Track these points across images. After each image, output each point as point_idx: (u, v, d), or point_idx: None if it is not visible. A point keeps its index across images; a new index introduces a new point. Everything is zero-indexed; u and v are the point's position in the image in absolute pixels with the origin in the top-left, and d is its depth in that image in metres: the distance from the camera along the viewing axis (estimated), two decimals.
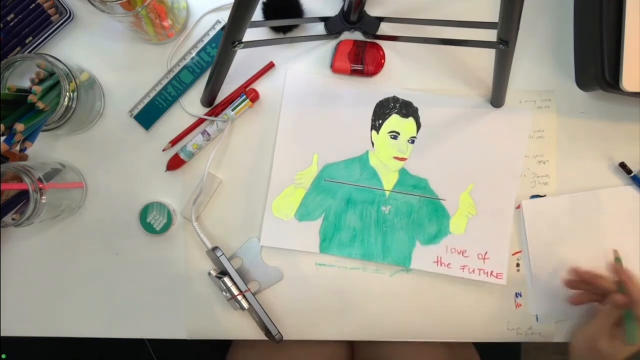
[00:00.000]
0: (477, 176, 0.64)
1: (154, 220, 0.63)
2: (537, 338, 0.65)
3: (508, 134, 0.65)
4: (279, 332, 0.61)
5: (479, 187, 0.64)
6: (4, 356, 0.76)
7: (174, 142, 0.64)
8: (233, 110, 0.62)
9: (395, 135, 0.64)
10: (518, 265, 0.65)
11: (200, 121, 0.64)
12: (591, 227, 0.65)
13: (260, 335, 0.64)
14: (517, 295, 0.65)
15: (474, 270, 0.64)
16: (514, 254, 0.65)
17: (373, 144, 0.64)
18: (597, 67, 0.59)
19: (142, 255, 0.64)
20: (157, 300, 0.60)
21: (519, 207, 0.65)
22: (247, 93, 0.62)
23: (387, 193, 0.64)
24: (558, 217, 0.65)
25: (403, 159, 0.64)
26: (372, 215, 0.64)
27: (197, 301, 0.64)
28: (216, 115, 0.63)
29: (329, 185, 0.64)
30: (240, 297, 0.60)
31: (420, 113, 0.64)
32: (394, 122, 0.64)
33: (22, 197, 0.58)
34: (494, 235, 0.64)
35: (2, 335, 0.65)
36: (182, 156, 0.63)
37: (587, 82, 0.63)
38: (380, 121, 0.64)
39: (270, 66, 0.64)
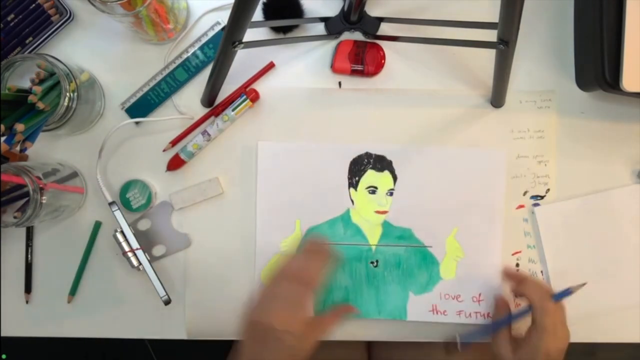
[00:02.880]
0: (459, 220, 0.64)
1: (132, 197, 0.63)
2: None
3: (484, 175, 0.64)
4: (167, 295, 0.60)
5: (462, 230, 0.64)
6: (4, 356, 0.76)
7: (174, 143, 0.64)
8: (233, 110, 0.62)
9: (373, 190, 0.64)
10: (517, 265, 0.65)
11: (201, 121, 0.64)
12: (606, 228, 0.65)
13: None
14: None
15: (469, 314, 0.64)
16: (513, 254, 0.65)
17: (352, 201, 0.64)
18: (597, 67, 0.58)
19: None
20: (157, 300, 0.60)
21: (520, 207, 0.65)
22: (247, 93, 0.62)
23: (373, 247, 0.64)
24: (572, 221, 0.64)
25: (384, 212, 0.64)
26: (362, 271, 0.64)
27: (197, 300, 0.64)
28: (216, 116, 0.63)
29: None
30: (130, 254, 0.60)
31: (394, 165, 0.64)
32: (370, 177, 0.64)
33: (22, 197, 0.58)
34: (485, 275, 0.64)
35: (2, 335, 0.65)
36: (182, 156, 0.63)
37: (587, 82, 0.63)
38: (357, 178, 0.64)
39: (270, 66, 0.64)
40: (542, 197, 0.65)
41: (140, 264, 0.61)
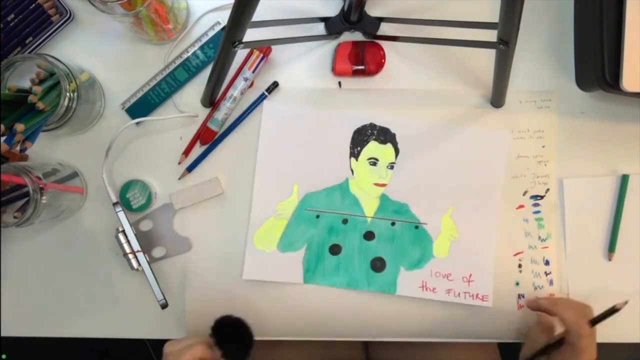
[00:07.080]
0: (456, 199, 0.64)
1: (132, 197, 0.63)
2: None
3: (486, 154, 0.64)
4: (164, 298, 0.60)
5: (459, 209, 0.64)
6: (4, 356, 0.76)
7: (187, 152, 0.64)
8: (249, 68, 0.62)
9: (374, 162, 0.64)
10: (520, 266, 0.65)
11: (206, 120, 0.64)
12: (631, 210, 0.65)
13: None
14: (520, 296, 0.65)
15: (459, 294, 0.64)
16: (515, 255, 0.65)
17: (352, 171, 0.64)
18: (597, 67, 0.59)
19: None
20: (157, 300, 0.60)
21: (520, 207, 0.65)
22: (258, 50, 0.62)
23: (369, 219, 0.64)
24: (597, 198, 0.65)
25: (383, 185, 0.64)
26: (355, 242, 0.64)
27: (197, 302, 0.64)
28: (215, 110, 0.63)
29: (310, 215, 0.64)
30: (130, 256, 0.60)
31: (397, 138, 0.64)
32: (372, 148, 0.64)
33: (22, 197, 0.58)
34: (477, 257, 0.64)
35: (2, 335, 0.65)
36: (212, 127, 0.63)
37: (587, 82, 0.63)
38: (359, 148, 0.64)
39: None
40: (542, 197, 0.65)
41: (139, 265, 0.61)
